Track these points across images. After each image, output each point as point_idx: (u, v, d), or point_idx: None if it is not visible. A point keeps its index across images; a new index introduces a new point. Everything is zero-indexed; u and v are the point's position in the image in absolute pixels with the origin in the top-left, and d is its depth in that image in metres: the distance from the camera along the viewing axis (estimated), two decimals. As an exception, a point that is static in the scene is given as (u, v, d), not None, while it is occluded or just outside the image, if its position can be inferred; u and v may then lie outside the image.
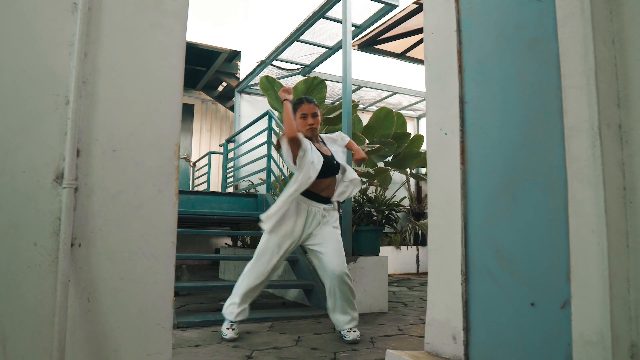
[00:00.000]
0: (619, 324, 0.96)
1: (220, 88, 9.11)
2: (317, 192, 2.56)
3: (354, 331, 2.50)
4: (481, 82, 1.31)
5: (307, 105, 2.59)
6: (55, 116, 1.23)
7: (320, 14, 4.68)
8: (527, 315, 1.12)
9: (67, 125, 1.23)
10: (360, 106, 7.75)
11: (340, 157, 2.69)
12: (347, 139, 2.84)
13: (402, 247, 6.82)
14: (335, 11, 4.62)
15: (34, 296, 1.15)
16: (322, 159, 2.52)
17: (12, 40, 1.21)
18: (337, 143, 2.76)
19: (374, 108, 7.65)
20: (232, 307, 2.59)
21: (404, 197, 7.07)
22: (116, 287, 1.24)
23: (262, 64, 5.97)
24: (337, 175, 2.65)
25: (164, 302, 1.29)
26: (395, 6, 4.50)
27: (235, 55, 7.84)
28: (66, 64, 1.26)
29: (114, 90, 1.32)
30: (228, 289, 4.69)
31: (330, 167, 2.57)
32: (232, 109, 8.85)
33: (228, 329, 2.53)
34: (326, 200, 2.62)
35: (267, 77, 5.35)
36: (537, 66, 1.18)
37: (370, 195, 4.32)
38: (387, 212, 3.92)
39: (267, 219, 2.53)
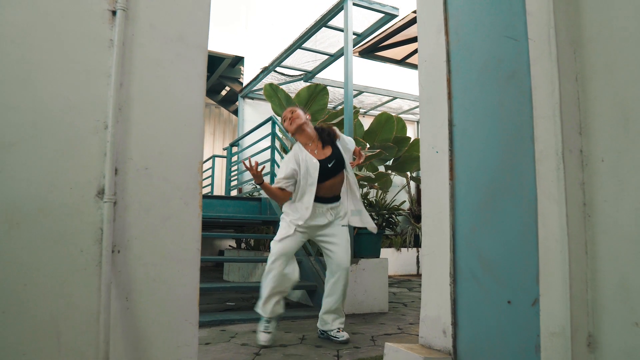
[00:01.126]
0: (578, 318, 1.15)
1: (223, 92, 9.30)
2: (320, 196, 2.63)
3: (343, 330, 2.63)
4: (467, 108, 1.50)
5: (286, 110, 2.76)
6: (95, 139, 1.42)
7: (322, 23, 4.86)
8: (504, 311, 1.31)
9: (106, 147, 1.42)
10: (362, 110, 7.92)
11: (345, 157, 2.72)
12: (354, 145, 2.88)
13: (402, 249, 6.98)
14: (337, 20, 4.79)
15: (81, 296, 1.34)
16: (317, 166, 2.59)
17: (59, 73, 1.40)
18: (348, 146, 2.79)
19: (375, 112, 7.82)
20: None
21: (404, 201, 7.22)
22: (150, 288, 1.43)
23: (266, 70, 6.15)
24: (341, 173, 2.68)
25: (190, 301, 1.48)
26: (395, 16, 4.68)
27: (238, 60, 8.02)
28: (104, 93, 1.45)
29: (145, 115, 1.50)
30: (233, 290, 4.87)
31: (326, 171, 2.61)
32: (235, 112, 9.03)
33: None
34: (331, 200, 2.67)
35: (270, 84, 5.53)
36: (514, 97, 1.36)
37: (371, 199, 4.49)
38: (387, 216, 4.10)
39: (277, 243, 2.62)
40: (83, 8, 1.44)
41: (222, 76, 8.46)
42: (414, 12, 4.98)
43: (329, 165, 2.63)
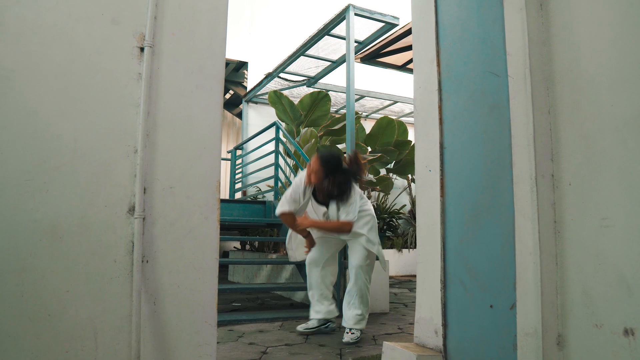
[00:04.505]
0: (549, 320, 1.34)
1: (227, 96, 9.47)
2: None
3: (352, 332, 2.78)
4: (456, 133, 1.68)
5: (309, 167, 2.89)
6: (127, 162, 1.61)
7: (325, 31, 5.01)
8: (487, 314, 1.50)
9: (136, 169, 1.61)
10: (363, 114, 8.07)
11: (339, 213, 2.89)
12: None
13: (403, 250, 7.08)
14: (339, 29, 4.95)
15: (115, 300, 1.53)
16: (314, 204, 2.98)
17: (95, 104, 1.59)
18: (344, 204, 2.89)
19: (377, 116, 7.96)
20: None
21: (404, 205, 7.33)
22: (175, 294, 1.62)
23: (269, 76, 6.32)
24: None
25: (210, 304, 1.67)
26: (395, 25, 4.83)
27: (242, 65, 8.18)
28: (134, 121, 1.63)
29: (170, 140, 1.69)
30: (239, 292, 5.02)
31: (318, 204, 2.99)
32: (239, 115, 9.20)
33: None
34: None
35: (275, 91, 5.71)
36: (496, 126, 1.55)
37: (372, 202, 4.65)
38: (388, 220, 4.25)
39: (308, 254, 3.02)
40: (115, 45, 1.62)
41: (226, 80, 8.64)
42: (414, 21, 5.14)
43: (319, 199, 2.98)
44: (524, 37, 1.39)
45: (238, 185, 7.09)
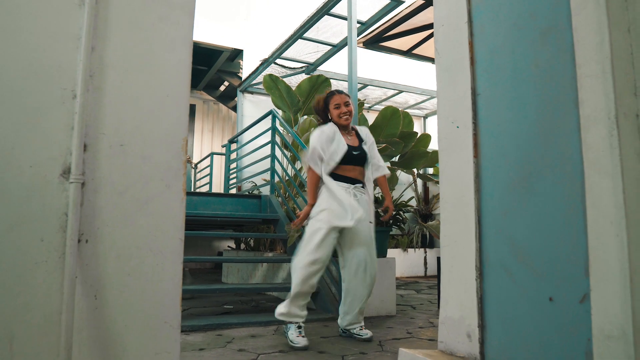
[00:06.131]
0: (641, 318, 0.94)
1: (222, 87, 9.10)
2: (342, 174, 2.61)
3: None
4: (494, 74, 1.29)
5: (339, 95, 2.70)
6: (62, 110, 1.22)
7: (324, 10, 4.66)
8: (544, 310, 1.09)
9: (74, 120, 1.22)
10: (366, 105, 7.71)
11: (368, 154, 2.74)
12: (372, 139, 2.85)
13: (409, 250, 6.74)
14: (340, 8, 4.58)
15: (40, 293, 1.13)
16: (345, 148, 2.59)
17: (19, 34, 1.20)
18: (367, 140, 2.79)
19: (380, 107, 7.60)
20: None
21: (412, 197, 6.97)
22: (123, 284, 1.22)
23: (265, 63, 5.96)
24: (363, 168, 2.69)
25: (171, 300, 1.27)
26: (402, 2, 4.46)
27: (237, 54, 7.81)
28: (73, 57, 1.25)
29: (121, 84, 1.30)
30: (232, 292, 4.66)
31: (351, 157, 2.62)
32: (234, 108, 8.83)
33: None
34: (353, 180, 2.64)
35: (270, 75, 5.33)
36: (551, 56, 1.15)
37: (377, 195, 4.28)
38: (394, 213, 3.88)
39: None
40: (46, -42, 1.24)
41: (220, 70, 8.26)
42: (422, -2, 4.78)
43: (354, 153, 2.64)
44: None
45: (233, 181, 6.76)
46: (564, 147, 1.10)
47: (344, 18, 4.62)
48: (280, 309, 2.53)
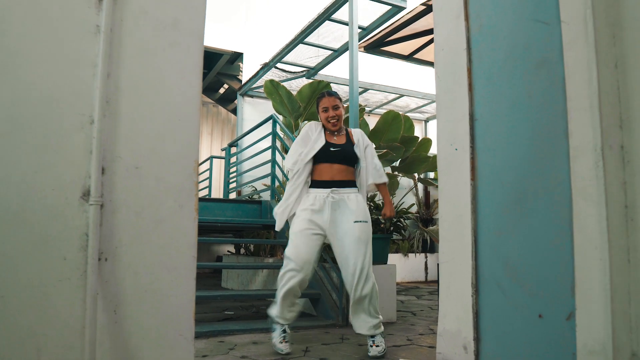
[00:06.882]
0: (620, 335, 1.02)
1: (221, 90, 9.13)
2: (318, 179, 2.51)
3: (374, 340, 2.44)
4: (491, 100, 1.37)
5: (327, 98, 2.59)
6: (81, 135, 1.29)
7: (325, 16, 4.69)
8: (534, 326, 1.18)
9: (92, 144, 1.29)
10: (367, 109, 7.74)
11: (359, 155, 2.59)
12: (368, 142, 2.69)
13: (410, 255, 6.70)
14: (341, 13, 4.62)
15: (64, 308, 1.21)
16: (322, 144, 2.50)
17: (39, 62, 1.27)
18: (359, 143, 2.63)
19: (381, 111, 7.63)
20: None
21: (413, 204, 6.95)
22: (141, 299, 1.30)
23: (266, 67, 5.99)
24: (344, 166, 2.54)
25: (185, 313, 1.35)
26: (403, 8, 4.50)
27: (237, 57, 7.84)
28: (90, 84, 1.32)
29: (136, 109, 1.37)
30: (232, 299, 4.67)
31: (327, 154, 2.50)
32: (233, 111, 8.87)
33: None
34: (329, 184, 2.49)
35: (271, 81, 5.38)
36: (544, 87, 1.23)
37: (377, 202, 4.34)
38: (395, 220, 3.93)
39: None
40: (66, -10, 1.31)
41: (220, 73, 8.30)
42: (423, 4, 4.83)
43: (332, 149, 2.51)
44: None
45: (233, 185, 6.76)
46: (555, 174, 1.18)
47: (345, 23, 4.66)
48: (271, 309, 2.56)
